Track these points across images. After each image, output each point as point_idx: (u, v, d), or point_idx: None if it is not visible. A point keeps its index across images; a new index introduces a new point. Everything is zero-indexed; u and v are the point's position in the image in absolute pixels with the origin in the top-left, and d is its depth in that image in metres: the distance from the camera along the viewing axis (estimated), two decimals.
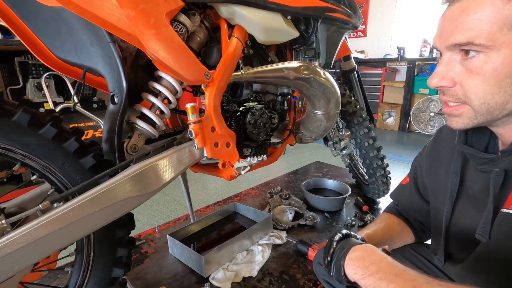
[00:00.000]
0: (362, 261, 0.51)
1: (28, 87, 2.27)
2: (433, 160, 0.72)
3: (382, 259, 0.50)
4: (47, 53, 0.76)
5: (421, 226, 0.80)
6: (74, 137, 0.63)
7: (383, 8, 4.60)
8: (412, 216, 0.80)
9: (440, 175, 0.69)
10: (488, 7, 0.44)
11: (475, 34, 0.45)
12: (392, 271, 0.47)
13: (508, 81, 0.45)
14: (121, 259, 0.72)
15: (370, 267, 0.49)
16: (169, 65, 0.66)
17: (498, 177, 0.52)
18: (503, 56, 0.44)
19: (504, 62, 0.44)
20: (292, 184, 1.87)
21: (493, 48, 0.44)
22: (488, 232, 0.53)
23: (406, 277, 0.45)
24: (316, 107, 1.04)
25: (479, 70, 0.47)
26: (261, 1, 0.86)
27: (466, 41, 0.46)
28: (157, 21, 0.64)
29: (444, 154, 0.69)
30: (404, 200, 0.81)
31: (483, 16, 0.44)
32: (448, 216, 0.65)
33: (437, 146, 0.72)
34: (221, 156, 0.82)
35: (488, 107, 0.48)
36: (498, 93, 0.47)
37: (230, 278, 1.01)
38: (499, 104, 0.47)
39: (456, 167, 0.63)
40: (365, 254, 0.52)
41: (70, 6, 0.51)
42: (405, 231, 0.79)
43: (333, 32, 1.04)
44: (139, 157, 0.69)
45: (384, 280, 0.46)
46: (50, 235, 0.54)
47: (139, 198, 0.67)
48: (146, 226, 1.81)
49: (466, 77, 0.48)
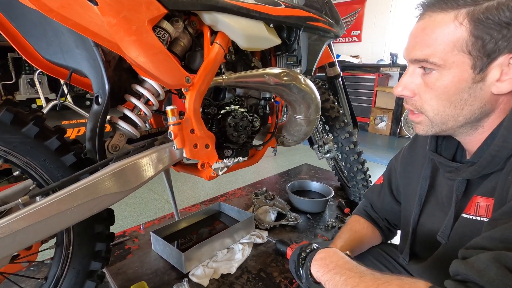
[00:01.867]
0: (324, 260, 0.57)
1: (21, 83, 2.29)
2: (407, 165, 0.76)
3: (340, 258, 0.56)
4: (34, 54, 0.79)
5: (388, 226, 0.84)
6: (56, 136, 0.66)
7: (378, 14, 4.67)
8: (381, 216, 0.84)
9: (412, 179, 0.73)
10: (443, 28, 0.48)
11: (431, 52, 0.49)
12: (346, 267, 0.53)
13: (457, 97, 0.50)
14: (100, 253, 0.76)
15: (329, 264, 0.55)
16: (149, 70, 0.69)
17: (461, 186, 0.56)
18: (452, 75, 0.48)
19: (453, 81, 0.49)
20: (278, 185, 1.91)
21: (444, 67, 0.48)
22: (448, 235, 0.57)
23: (356, 271, 0.51)
24: (297, 112, 1.09)
25: (433, 85, 0.51)
26: (243, 10, 0.90)
27: (422, 58, 0.50)
28: (138, 28, 0.67)
29: (417, 160, 0.72)
30: (376, 200, 0.85)
31: (439, 36, 0.48)
32: (416, 218, 0.69)
33: (412, 151, 0.76)
34: (200, 157, 0.86)
35: (442, 118, 0.53)
36: (449, 107, 0.51)
37: (209, 274, 1.04)
38: (451, 116, 0.52)
39: (426, 173, 0.67)
40: (327, 255, 0.58)
41: (51, 14, 0.55)
42: (374, 234, 0.83)
43: (314, 41, 1.09)
44: (119, 156, 0.73)
45: (338, 274, 0.52)
46: (28, 227, 0.57)
47: (117, 195, 0.70)
48: (133, 223, 1.84)
49: (424, 90, 0.53)
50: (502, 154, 0.48)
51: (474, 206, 0.53)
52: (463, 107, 0.50)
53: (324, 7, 1.13)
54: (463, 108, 0.50)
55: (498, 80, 0.47)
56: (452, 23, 0.47)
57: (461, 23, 0.46)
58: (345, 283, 0.49)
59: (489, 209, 0.50)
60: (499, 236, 0.40)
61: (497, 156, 0.48)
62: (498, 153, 0.48)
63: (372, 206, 0.86)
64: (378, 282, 0.45)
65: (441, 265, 0.61)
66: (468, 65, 0.47)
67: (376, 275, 0.47)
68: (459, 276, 0.39)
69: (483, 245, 0.40)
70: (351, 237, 0.81)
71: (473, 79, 0.48)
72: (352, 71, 4.66)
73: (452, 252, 0.58)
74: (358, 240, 0.81)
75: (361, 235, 0.82)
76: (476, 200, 0.53)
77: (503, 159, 0.48)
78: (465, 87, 0.48)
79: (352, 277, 0.49)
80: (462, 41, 0.46)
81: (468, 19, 0.45)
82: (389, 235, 0.85)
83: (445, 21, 0.47)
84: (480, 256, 0.38)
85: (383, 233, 0.84)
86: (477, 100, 0.49)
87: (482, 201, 0.52)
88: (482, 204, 0.52)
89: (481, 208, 0.52)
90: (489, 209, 0.51)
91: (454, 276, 0.40)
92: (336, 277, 0.51)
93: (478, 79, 0.48)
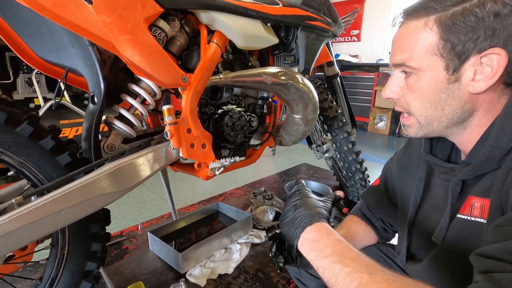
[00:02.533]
0: (316, 242, 0.49)
1: (19, 82, 2.28)
2: (403, 167, 0.76)
3: (337, 243, 0.48)
4: (29, 53, 0.79)
5: (384, 227, 0.84)
6: (51, 135, 0.65)
7: (377, 13, 4.67)
8: (377, 217, 0.84)
9: (408, 181, 0.73)
10: (416, 34, 0.51)
11: (407, 57, 0.52)
12: (348, 255, 0.45)
13: (436, 97, 0.52)
14: (95, 254, 0.75)
15: (324, 249, 0.47)
16: (144, 69, 0.69)
17: (456, 186, 0.56)
18: (429, 76, 0.51)
19: (430, 82, 0.51)
20: (277, 185, 1.91)
21: (420, 70, 0.52)
22: (443, 236, 0.57)
23: (362, 263, 0.43)
24: (294, 112, 1.08)
25: (413, 87, 0.54)
26: (241, 9, 0.90)
27: (401, 62, 0.54)
28: (134, 26, 0.67)
29: (412, 162, 0.73)
30: (372, 201, 0.85)
31: (413, 42, 0.51)
32: (411, 220, 0.69)
33: (407, 153, 0.76)
34: (196, 156, 0.85)
35: (426, 119, 0.55)
36: (430, 108, 0.54)
37: (206, 274, 1.04)
38: (434, 117, 0.54)
39: (421, 174, 0.67)
40: (319, 236, 0.50)
41: (44, 12, 0.54)
42: (368, 233, 0.83)
43: (312, 40, 1.08)
44: (114, 155, 0.72)
45: (339, 263, 0.44)
46: (22, 228, 0.57)
47: (113, 195, 0.70)
48: (131, 223, 1.83)
49: (407, 92, 0.56)
50: (496, 153, 0.48)
51: (469, 207, 0.53)
52: (443, 107, 0.52)
53: (322, 6, 1.13)
54: (443, 108, 0.53)
55: (473, 79, 0.49)
56: (423, 29, 0.50)
57: (431, 29, 0.49)
58: (350, 278, 0.41)
59: (484, 210, 0.50)
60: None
61: (491, 156, 0.49)
62: (492, 153, 0.49)
63: (368, 207, 0.86)
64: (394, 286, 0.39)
65: (438, 266, 0.61)
66: (442, 67, 0.50)
67: (387, 273, 0.41)
68: None
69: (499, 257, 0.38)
70: (344, 234, 0.79)
71: (448, 79, 0.50)
72: (351, 70, 4.65)
73: (448, 252, 0.58)
74: (349, 236, 0.80)
75: (354, 232, 0.82)
76: (471, 201, 0.53)
77: (497, 159, 0.48)
78: (442, 87, 0.51)
79: (359, 271, 0.41)
80: (434, 45, 0.49)
81: (437, 24, 0.49)
82: (385, 235, 0.85)
83: (417, 28, 0.51)
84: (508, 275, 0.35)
85: (378, 232, 0.84)
86: (456, 100, 0.51)
87: (476, 201, 0.52)
88: (476, 205, 0.52)
89: (475, 208, 0.52)
90: (483, 210, 0.50)
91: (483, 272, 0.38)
92: (336, 267, 0.44)
93: (453, 79, 0.50)
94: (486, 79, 0.48)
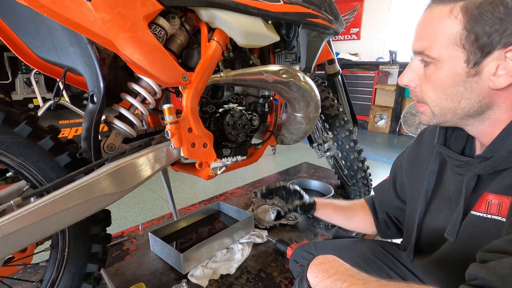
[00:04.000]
0: (323, 265, 0.52)
1: (17, 82, 2.27)
2: (414, 161, 0.75)
3: (341, 265, 0.51)
4: (28, 52, 0.78)
5: (388, 221, 0.84)
6: (50, 136, 0.64)
7: (377, 11, 4.66)
8: (383, 210, 0.85)
9: (419, 176, 0.71)
10: (439, 21, 0.48)
11: (427, 45, 0.49)
12: (348, 273, 0.48)
13: (452, 90, 0.50)
14: (96, 255, 0.74)
15: (329, 270, 0.50)
16: (144, 67, 0.68)
17: (471, 181, 0.54)
18: (447, 68, 0.49)
19: (447, 74, 0.49)
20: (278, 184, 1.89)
21: (439, 60, 0.49)
22: (456, 232, 0.56)
23: (359, 277, 0.47)
24: (296, 110, 1.07)
25: (429, 77, 0.52)
26: (241, 6, 0.88)
27: (420, 50, 0.51)
28: (133, 24, 0.66)
29: (424, 156, 0.71)
30: (381, 194, 0.87)
31: (435, 29, 0.48)
32: (422, 214, 0.67)
33: (418, 147, 0.74)
34: (198, 156, 0.84)
35: (440, 110, 0.53)
36: (445, 100, 0.52)
37: (208, 275, 1.03)
38: (449, 109, 0.52)
39: (433, 167, 0.65)
40: (326, 260, 0.53)
41: (42, 10, 0.53)
42: (367, 220, 0.86)
43: (313, 37, 1.07)
44: (114, 155, 0.71)
45: (340, 280, 0.47)
46: (21, 230, 0.56)
47: (113, 196, 0.69)
48: (132, 223, 1.82)
49: (423, 81, 0.54)
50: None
51: (485, 204, 0.51)
52: (460, 100, 0.50)
53: (324, 3, 1.12)
54: (460, 101, 0.50)
55: (494, 74, 0.47)
56: (447, 16, 0.47)
57: (456, 17, 0.46)
58: None
59: (502, 207, 0.49)
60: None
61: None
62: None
63: (378, 198, 0.87)
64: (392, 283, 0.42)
65: (447, 262, 0.60)
66: (462, 59, 0.47)
67: (381, 282, 0.44)
68: (478, 280, 0.37)
69: (505, 249, 0.38)
70: (342, 205, 0.91)
71: (467, 73, 0.48)
72: (351, 69, 4.64)
73: (460, 250, 0.56)
74: (343, 210, 0.89)
75: (354, 212, 0.89)
76: (487, 198, 0.51)
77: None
78: (460, 80, 0.49)
79: (356, 283, 0.45)
80: (456, 35, 0.46)
81: (462, 13, 0.46)
82: (385, 230, 0.85)
83: (442, 14, 0.48)
84: (503, 261, 0.36)
85: (379, 225, 0.85)
86: (473, 94, 0.49)
87: (494, 198, 0.50)
88: (494, 202, 0.50)
89: (492, 205, 0.50)
90: (501, 207, 0.49)
91: (471, 280, 0.38)
92: (337, 284, 0.47)
93: (472, 73, 0.48)
94: (509, 75, 0.46)
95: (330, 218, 0.94)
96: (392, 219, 0.83)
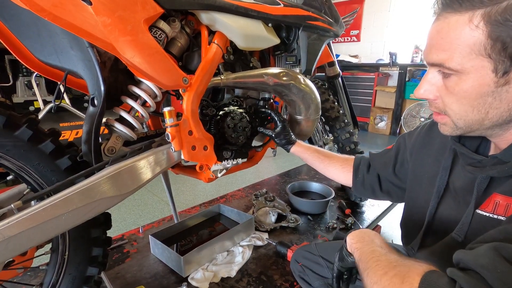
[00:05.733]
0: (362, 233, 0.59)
1: (18, 85, 2.27)
2: (423, 146, 0.73)
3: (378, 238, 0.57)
4: (28, 56, 0.78)
5: (364, 182, 0.88)
6: (50, 139, 0.64)
7: (376, 13, 4.66)
8: (372, 173, 0.87)
9: (426, 163, 0.70)
10: (458, 32, 0.45)
11: (447, 57, 0.46)
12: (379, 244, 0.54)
13: (480, 101, 0.47)
14: (96, 258, 0.74)
15: (365, 237, 0.57)
16: (145, 71, 0.68)
17: (483, 182, 0.53)
18: (472, 79, 0.46)
19: (474, 85, 0.46)
20: (279, 186, 1.89)
21: (462, 72, 0.46)
22: (465, 232, 0.55)
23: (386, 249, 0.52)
24: (296, 112, 1.07)
25: (453, 90, 0.48)
26: (241, 9, 0.89)
27: (438, 63, 0.48)
28: (134, 27, 0.66)
29: (435, 144, 0.70)
30: (377, 158, 0.88)
31: (454, 40, 0.45)
32: (433, 210, 0.66)
33: (431, 133, 0.73)
34: (198, 159, 0.84)
35: (465, 123, 0.50)
36: (472, 112, 0.48)
37: (208, 278, 1.03)
38: (475, 121, 0.49)
39: (447, 163, 0.64)
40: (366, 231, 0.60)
41: (43, 13, 0.53)
42: (343, 174, 0.93)
43: (313, 40, 1.07)
44: (115, 158, 0.71)
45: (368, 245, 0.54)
46: (21, 233, 0.56)
47: (113, 199, 0.69)
48: (132, 226, 1.82)
49: (445, 94, 0.51)
50: None
51: (493, 204, 0.51)
52: (487, 111, 0.47)
53: (323, 5, 1.12)
54: (487, 112, 0.47)
55: None
56: (467, 26, 0.44)
57: (477, 26, 0.43)
58: (371, 254, 0.50)
59: (509, 209, 0.49)
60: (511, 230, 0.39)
61: None
62: None
63: (370, 161, 0.89)
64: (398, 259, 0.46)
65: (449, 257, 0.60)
66: (489, 69, 0.44)
67: (402, 256, 0.48)
68: (460, 264, 0.40)
69: (494, 237, 0.40)
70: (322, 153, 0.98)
71: (496, 82, 0.45)
72: (351, 70, 4.64)
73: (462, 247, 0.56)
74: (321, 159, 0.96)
75: (331, 162, 0.95)
76: (495, 198, 0.51)
77: None
78: (488, 91, 0.46)
79: (379, 251, 0.50)
80: (480, 45, 0.43)
81: (484, 21, 0.43)
82: (360, 189, 0.90)
83: (460, 24, 0.45)
84: (483, 246, 0.38)
85: (355, 182, 0.90)
86: (503, 103, 0.46)
87: (501, 199, 0.50)
88: (501, 203, 0.50)
89: (500, 206, 0.50)
90: (508, 209, 0.49)
91: (457, 265, 0.41)
92: (365, 247, 0.53)
93: (502, 82, 0.45)
94: None
95: (306, 160, 1.01)
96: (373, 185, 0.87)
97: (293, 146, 1.01)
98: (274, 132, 1.02)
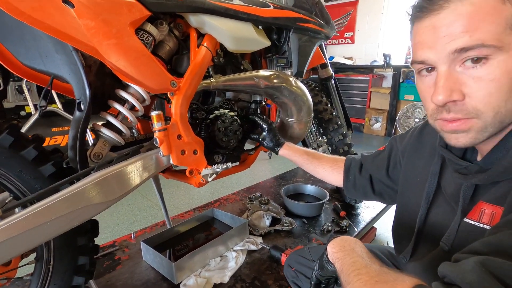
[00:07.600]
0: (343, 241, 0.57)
1: (9, 90, 2.24)
2: (415, 150, 0.72)
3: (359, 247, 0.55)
4: (13, 61, 0.76)
5: (355, 183, 0.87)
6: (33, 145, 0.63)
7: (370, 15, 4.70)
8: (363, 174, 0.86)
9: (417, 167, 0.69)
10: (488, 9, 0.41)
11: (483, 35, 0.41)
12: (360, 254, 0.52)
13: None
14: (83, 267, 0.72)
15: (346, 246, 0.55)
16: (131, 74, 0.66)
17: (468, 190, 0.52)
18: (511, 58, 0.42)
19: None
20: (273, 189, 1.88)
21: (502, 49, 0.41)
22: (452, 241, 0.54)
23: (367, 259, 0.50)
24: (288, 115, 1.06)
25: (491, 75, 0.42)
26: (231, 11, 0.88)
27: (475, 43, 0.42)
28: (119, 30, 0.64)
29: (426, 148, 0.69)
30: (369, 159, 0.87)
31: (486, 17, 0.41)
32: (423, 217, 0.65)
33: (422, 138, 0.71)
34: (188, 163, 0.83)
35: (501, 116, 0.44)
36: (509, 99, 0.43)
37: (201, 284, 1.01)
38: (510, 111, 0.44)
39: (435, 169, 0.63)
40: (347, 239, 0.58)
41: (22, 17, 0.52)
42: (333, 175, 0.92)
43: (304, 42, 1.07)
44: (101, 164, 0.69)
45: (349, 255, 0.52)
46: (3, 243, 0.54)
47: (99, 206, 0.67)
48: (125, 231, 1.79)
49: (476, 88, 0.44)
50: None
51: (479, 212, 0.50)
52: None
53: (314, 8, 1.12)
54: None
55: None
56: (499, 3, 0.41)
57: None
58: (352, 266, 0.49)
59: (494, 217, 0.47)
60: (496, 242, 0.38)
61: None
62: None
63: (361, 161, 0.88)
64: (380, 273, 0.45)
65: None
66: None
67: (383, 269, 0.46)
68: (446, 278, 0.38)
69: (478, 250, 0.38)
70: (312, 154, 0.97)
71: None
72: (346, 72, 4.66)
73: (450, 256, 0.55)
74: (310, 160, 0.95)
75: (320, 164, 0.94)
76: (481, 207, 0.50)
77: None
78: None
79: (360, 262, 0.49)
80: None
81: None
82: (351, 190, 0.89)
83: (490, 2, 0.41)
84: (470, 260, 0.36)
85: (347, 184, 0.89)
86: None
87: (487, 208, 0.49)
88: (487, 211, 0.48)
89: (485, 215, 0.49)
90: (494, 217, 0.47)
91: (442, 278, 0.39)
92: (346, 258, 0.52)
93: None
94: None
95: (296, 162, 1.00)
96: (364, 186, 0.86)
97: (282, 148, 1.00)
98: (261, 136, 1.01)
